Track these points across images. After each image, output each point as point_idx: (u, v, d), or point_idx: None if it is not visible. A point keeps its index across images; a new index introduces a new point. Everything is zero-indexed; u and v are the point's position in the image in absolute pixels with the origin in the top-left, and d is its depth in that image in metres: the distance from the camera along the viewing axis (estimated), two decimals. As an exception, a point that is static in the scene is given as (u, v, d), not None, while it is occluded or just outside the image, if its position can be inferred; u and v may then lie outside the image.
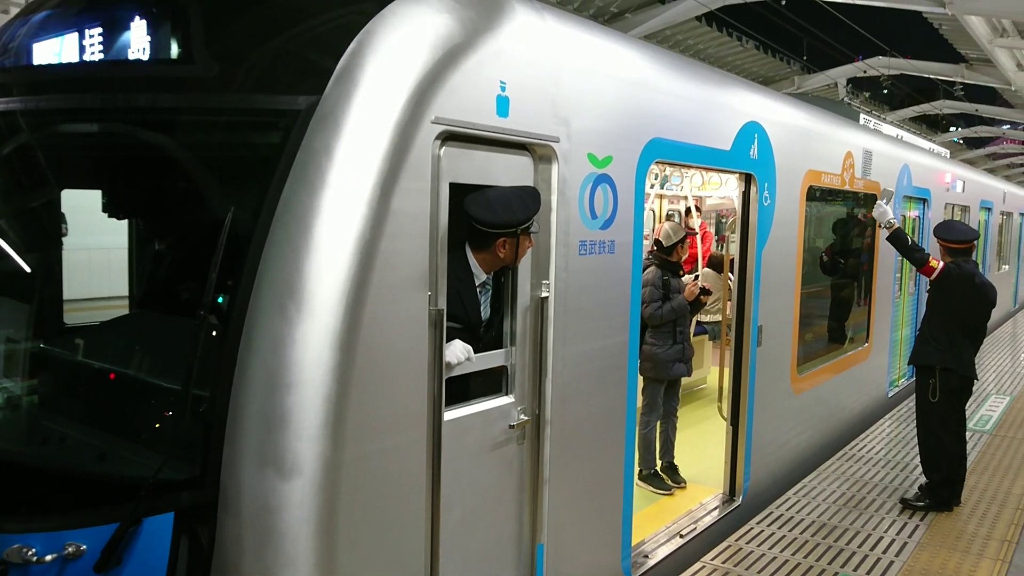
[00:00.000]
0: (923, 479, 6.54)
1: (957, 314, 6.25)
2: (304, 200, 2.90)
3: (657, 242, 6.79)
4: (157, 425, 3.38)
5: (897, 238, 6.69)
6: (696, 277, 8.47)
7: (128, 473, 3.11)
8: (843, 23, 16.47)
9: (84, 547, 2.88)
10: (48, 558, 2.88)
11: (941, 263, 6.35)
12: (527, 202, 3.64)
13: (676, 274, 6.75)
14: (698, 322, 8.90)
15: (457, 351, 3.50)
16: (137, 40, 3.31)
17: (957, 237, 6.39)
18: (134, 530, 2.86)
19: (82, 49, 3.46)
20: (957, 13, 13.44)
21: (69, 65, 3.53)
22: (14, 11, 9.46)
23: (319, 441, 2.84)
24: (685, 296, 6.62)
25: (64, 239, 4.09)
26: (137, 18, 3.32)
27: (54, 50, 3.59)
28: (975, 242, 6.46)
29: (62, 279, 4.09)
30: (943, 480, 6.27)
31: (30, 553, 2.90)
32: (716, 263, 10.07)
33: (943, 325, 6.27)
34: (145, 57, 3.31)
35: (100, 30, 3.42)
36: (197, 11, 3.31)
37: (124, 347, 3.73)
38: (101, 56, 3.43)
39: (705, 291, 6.83)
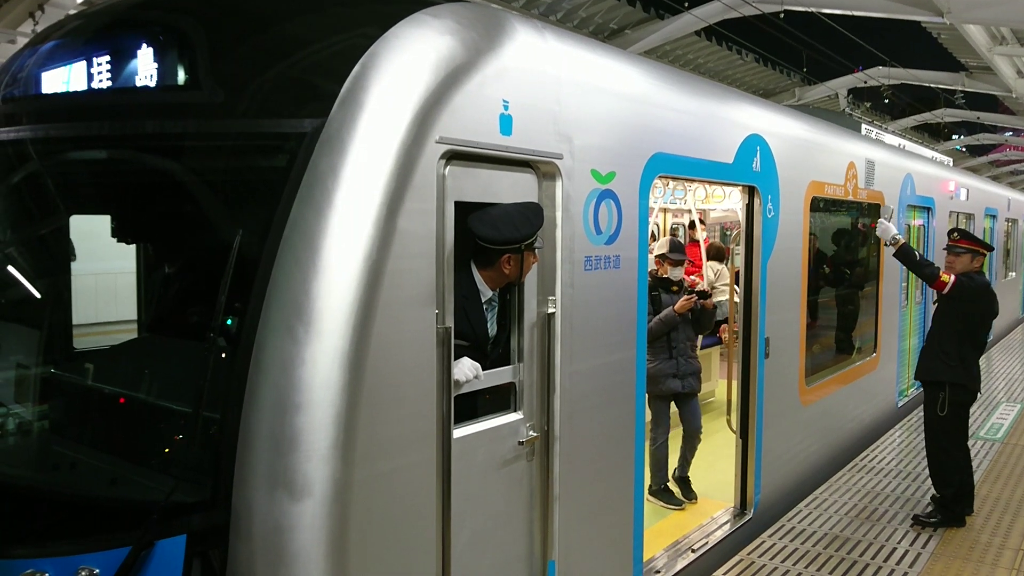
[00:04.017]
0: (932, 492, 6.47)
1: (968, 327, 6.17)
2: (311, 222, 2.92)
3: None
4: (168, 448, 3.39)
5: (905, 254, 6.48)
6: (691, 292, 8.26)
7: (140, 497, 3.12)
8: (842, 35, 16.54)
9: (97, 571, 2.89)
10: (61, 583, 2.89)
11: (953, 277, 6.18)
12: (530, 218, 3.67)
13: (668, 289, 6.74)
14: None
15: (466, 369, 3.51)
16: (144, 67, 3.36)
17: (984, 241, 6.39)
18: (146, 554, 2.86)
19: (90, 77, 3.51)
20: (956, 22, 13.49)
21: (77, 93, 3.58)
22: (22, 41, 9.60)
23: (329, 461, 2.85)
24: (676, 309, 6.59)
25: (72, 264, 4.12)
26: (144, 46, 3.36)
27: (62, 78, 3.63)
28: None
29: (71, 304, 4.11)
30: (956, 495, 6.18)
31: (43, 578, 2.91)
32: (716, 253, 10.09)
33: (953, 339, 6.15)
34: (152, 84, 3.35)
35: (107, 58, 3.46)
36: (202, 38, 3.35)
37: (134, 371, 3.75)
38: (109, 84, 3.47)
39: (704, 294, 6.77)
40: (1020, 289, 18.95)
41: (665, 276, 6.79)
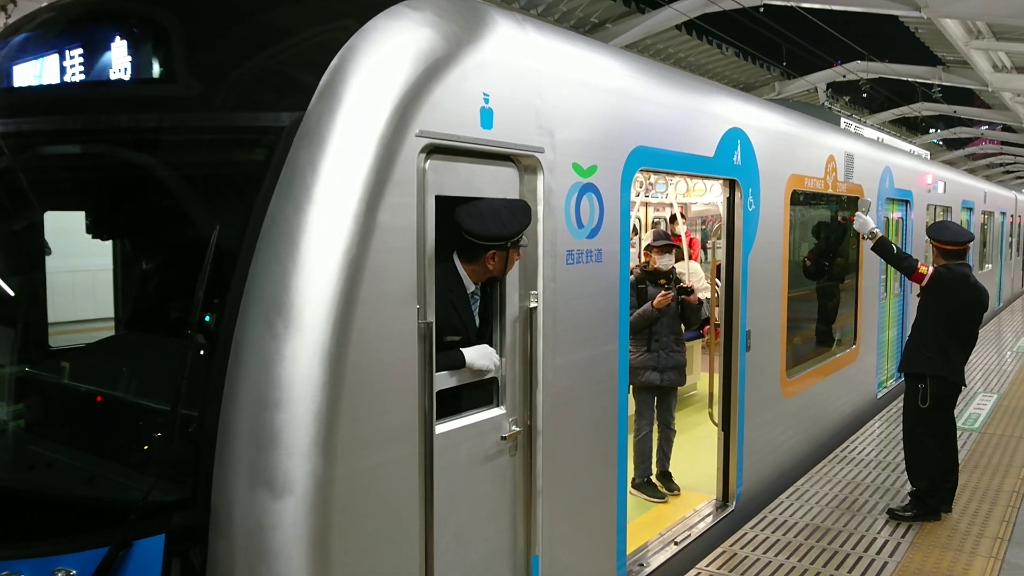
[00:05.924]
0: (909, 486, 6.49)
1: (949, 320, 6.10)
2: (290, 216, 2.89)
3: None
4: (146, 447, 3.35)
5: (882, 247, 6.48)
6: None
7: (117, 496, 3.08)
8: (821, 29, 16.63)
9: (74, 572, 2.84)
10: (38, 584, 2.85)
11: (931, 268, 6.16)
12: (518, 215, 3.67)
13: (655, 282, 6.73)
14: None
15: (492, 354, 3.66)
16: (118, 60, 3.30)
17: (950, 238, 6.23)
18: (124, 554, 2.83)
19: (63, 70, 3.45)
20: (933, 16, 13.60)
21: (50, 86, 3.51)
22: (-7, 34, 9.40)
23: (310, 458, 2.82)
24: (654, 306, 6.55)
25: (47, 259, 4.06)
26: (118, 38, 3.31)
27: (34, 72, 3.57)
28: (969, 244, 6.27)
29: (47, 302, 4.05)
30: (929, 488, 6.15)
31: (20, 580, 2.86)
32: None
33: (934, 332, 6.10)
34: (127, 77, 3.29)
35: (80, 51, 3.40)
36: (178, 30, 3.30)
37: (111, 369, 3.70)
38: (82, 77, 3.41)
39: (686, 290, 6.75)
40: (996, 281, 19.20)
41: (655, 268, 6.77)
